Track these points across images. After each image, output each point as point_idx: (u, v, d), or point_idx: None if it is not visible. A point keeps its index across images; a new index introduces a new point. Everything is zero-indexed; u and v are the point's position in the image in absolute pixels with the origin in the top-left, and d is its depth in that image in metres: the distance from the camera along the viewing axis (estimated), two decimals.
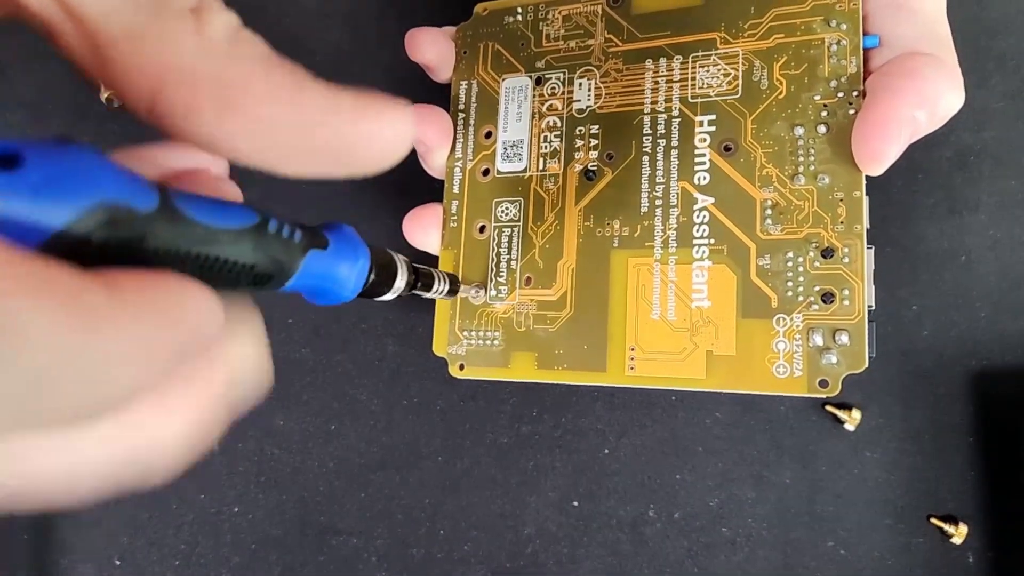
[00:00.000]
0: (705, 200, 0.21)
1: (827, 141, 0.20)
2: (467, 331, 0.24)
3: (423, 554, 0.29)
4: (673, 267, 0.21)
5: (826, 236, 0.20)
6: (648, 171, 0.22)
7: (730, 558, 0.26)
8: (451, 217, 0.24)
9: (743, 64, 0.21)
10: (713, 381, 0.20)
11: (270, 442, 0.31)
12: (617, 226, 0.22)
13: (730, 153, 0.21)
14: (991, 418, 0.24)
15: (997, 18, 0.26)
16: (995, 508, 0.24)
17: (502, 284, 0.23)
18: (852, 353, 0.19)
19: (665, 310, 0.21)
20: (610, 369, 0.21)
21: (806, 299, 0.20)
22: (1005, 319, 0.25)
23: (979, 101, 0.26)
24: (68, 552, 0.32)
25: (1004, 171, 0.25)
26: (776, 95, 0.21)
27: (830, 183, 0.20)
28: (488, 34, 0.25)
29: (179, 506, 0.31)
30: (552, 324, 0.22)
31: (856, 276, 0.19)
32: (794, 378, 0.19)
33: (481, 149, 0.24)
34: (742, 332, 0.20)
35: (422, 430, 0.29)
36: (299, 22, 0.33)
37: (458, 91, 0.25)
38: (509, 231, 0.24)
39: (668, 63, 0.22)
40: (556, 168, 0.23)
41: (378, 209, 0.31)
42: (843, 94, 0.20)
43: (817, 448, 0.25)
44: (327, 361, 0.31)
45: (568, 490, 0.28)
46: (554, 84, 0.24)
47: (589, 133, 0.23)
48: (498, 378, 0.23)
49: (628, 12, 0.23)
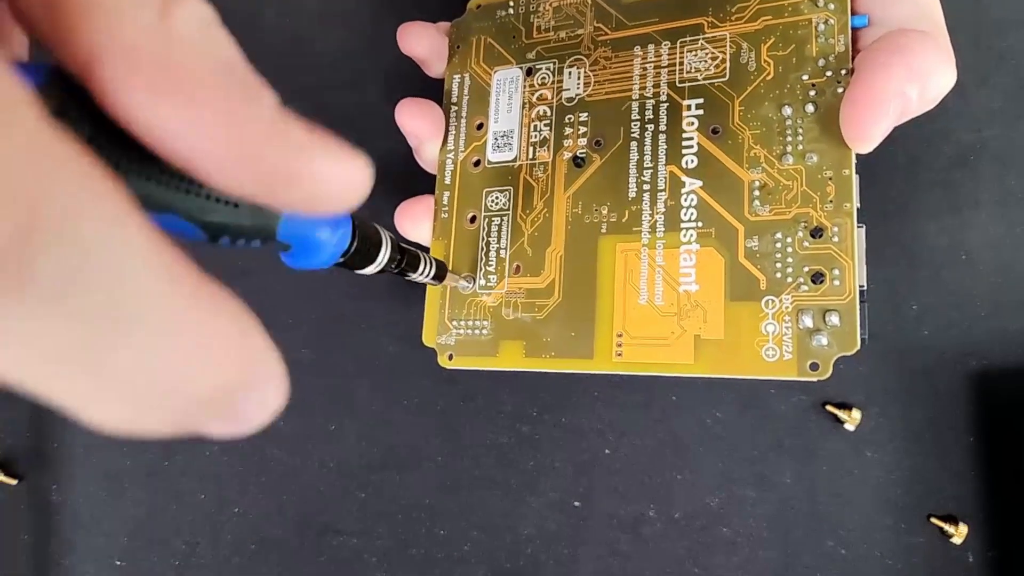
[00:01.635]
0: (693, 183, 0.21)
1: (815, 120, 0.20)
2: (456, 321, 0.24)
3: (423, 554, 0.29)
4: (661, 251, 0.21)
5: (815, 216, 0.20)
6: (636, 156, 0.22)
7: (730, 558, 0.26)
8: (442, 208, 0.25)
9: (731, 47, 0.21)
10: (701, 366, 0.20)
11: (270, 442, 0.31)
12: (605, 212, 0.22)
13: (718, 136, 0.21)
14: (991, 418, 0.24)
15: (997, 18, 0.26)
16: (995, 508, 0.24)
17: (491, 273, 0.23)
18: (843, 334, 0.19)
19: (653, 295, 0.21)
20: (597, 356, 0.21)
21: (795, 280, 0.19)
22: (1005, 318, 0.25)
23: (979, 100, 0.26)
24: (68, 552, 0.32)
25: (1004, 170, 0.25)
26: (764, 76, 0.21)
27: (819, 162, 0.20)
28: (481, 28, 0.25)
29: (179, 506, 0.31)
30: (540, 312, 0.22)
31: (846, 255, 0.19)
32: (784, 361, 0.19)
33: (472, 140, 0.25)
34: (730, 315, 0.20)
35: (422, 430, 0.29)
36: (299, 23, 0.33)
37: (451, 85, 0.25)
38: (499, 220, 0.24)
39: (656, 49, 0.22)
40: (545, 156, 0.23)
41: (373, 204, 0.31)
42: (831, 73, 0.20)
43: (817, 448, 0.25)
44: (327, 361, 0.31)
45: (568, 490, 0.28)
46: (544, 74, 0.24)
47: (578, 121, 0.23)
48: (486, 367, 0.23)
49: (617, 0, 0.23)
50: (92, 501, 0.33)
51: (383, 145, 0.31)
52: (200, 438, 0.33)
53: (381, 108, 0.31)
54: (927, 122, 0.25)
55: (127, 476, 0.32)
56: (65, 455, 0.33)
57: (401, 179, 0.25)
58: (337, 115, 0.31)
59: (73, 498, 0.33)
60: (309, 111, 0.10)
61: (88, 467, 0.33)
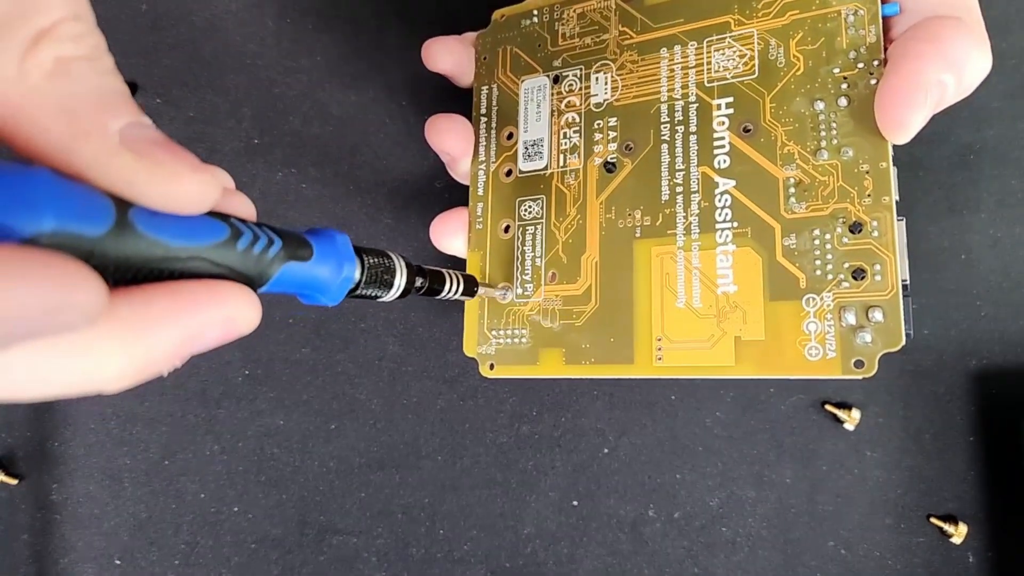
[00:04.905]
0: (726, 184, 0.21)
1: (849, 114, 0.20)
2: (496, 330, 0.24)
3: (423, 554, 0.29)
4: (696, 253, 0.21)
5: (853, 211, 0.19)
6: (667, 159, 0.22)
7: (730, 558, 0.26)
8: (476, 219, 0.25)
9: (759, 44, 0.21)
10: (743, 368, 0.20)
11: (270, 442, 0.31)
12: (639, 216, 0.22)
13: (749, 134, 0.21)
14: (991, 418, 0.24)
15: (997, 18, 0.26)
16: (995, 508, 0.24)
17: (527, 282, 0.23)
18: (887, 330, 0.18)
19: (690, 298, 0.21)
20: (638, 360, 0.21)
21: (836, 277, 0.19)
22: (1006, 318, 0.25)
23: (979, 100, 0.26)
24: (68, 552, 0.32)
25: (1004, 170, 0.25)
26: (794, 71, 0.21)
27: (854, 156, 0.19)
28: (506, 39, 0.25)
29: (179, 506, 0.31)
30: (578, 319, 0.22)
31: (887, 250, 0.19)
32: (827, 360, 0.19)
33: (503, 151, 0.25)
34: (770, 315, 0.20)
35: (422, 430, 0.29)
36: (299, 25, 0.33)
37: (479, 97, 0.25)
38: (533, 229, 0.24)
39: (683, 50, 0.22)
40: (576, 163, 0.23)
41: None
42: (863, 65, 0.20)
43: (817, 448, 0.25)
44: (327, 361, 0.31)
45: (568, 490, 0.28)
46: (571, 81, 0.24)
47: (607, 126, 0.23)
48: (528, 375, 0.23)
49: (641, 3, 0.23)
50: (92, 501, 0.33)
51: (384, 144, 0.31)
52: (199, 438, 0.33)
53: (381, 108, 0.31)
54: (927, 122, 0.25)
55: (127, 476, 0.32)
56: (65, 455, 0.33)
57: (403, 179, 0.25)
58: (337, 115, 0.31)
59: (73, 498, 0.33)
60: (309, 111, 0.10)
61: (88, 467, 0.33)
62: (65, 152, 0.10)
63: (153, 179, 0.10)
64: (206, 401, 0.32)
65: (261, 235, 0.12)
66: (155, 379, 0.34)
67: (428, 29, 0.26)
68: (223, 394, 0.32)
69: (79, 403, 0.34)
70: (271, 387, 0.31)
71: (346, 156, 0.31)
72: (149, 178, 0.10)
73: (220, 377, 0.32)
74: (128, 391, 0.36)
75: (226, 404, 0.32)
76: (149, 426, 0.32)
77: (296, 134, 0.32)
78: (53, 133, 0.10)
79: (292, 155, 0.32)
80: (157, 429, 0.32)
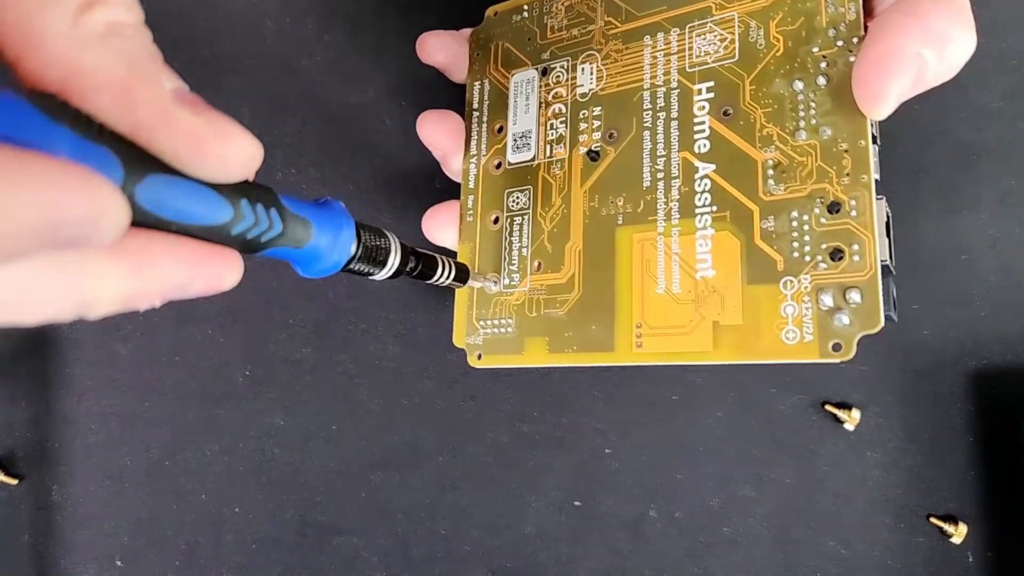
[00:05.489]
0: (706, 168, 0.21)
1: (828, 93, 0.19)
2: (483, 320, 0.24)
3: (423, 554, 0.29)
4: (676, 239, 0.21)
5: (831, 190, 0.19)
6: (649, 145, 0.22)
7: (730, 558, 0.26)
8: (467, 212, 0.25)
9: (739, 27, 0.21)
10: (721, 353, 0.20)
11: (270, 442, 0.31)
12: (621, 203, 0.22)
13: (729, 117, 0.21)
14: (991, 418, 0.24)
15: (997, 18, 0.26)
16: (995, 508, 0.24)
17: (514, 272, 0.23)
18: (865, 312, 0.18)
19: (670, 283, 0.21)
20: (618, 348, 0.21)
21: (813, 258, 0.19)
22: (1005, 318, 0.25)
23: (979, 100, 0.26)
24: (68, 552, 0.32)
25: (1004, 170, 0.25)
26: (774, 52, 0.20)
27: (833, 134, 0.19)
28: (499, 34, 0.26)
29: (179, 506, 0.31)
30: (561, 307, 0.22)
31: (865, 229, 0.18)
32: (805, 343, 0.18)
33: (493, 144, 0.25)
34: (748, 299, 0.19)
35: (422, 430, 0.29)
36: (299, 25, 0.33)
37: (472, 93, 0.26)
38: (520, 219, 0.24)
39: (665, 37, 0.22)
40: (562, 153, 0.23)
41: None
42: (843, 42, 0.19)
43: (817, 448, 0.25)
44: (327, 361, 0.31)
45: (568, 490, 0.28)
46: (559, 72, 0.24)
47: (592, 115, 0.23)
48: (512, 365, 0.23)
49: None
50: (92, 501, 0.33)
51: (384, 143, 0.31)
52: (200, 439, 0.33)
53: (381, 107, 0.31)
54: (927, 122, 0.25)
55: (127, 476, 0.32)
56: (65, 455, 0.33)
57: (403, 179, 0.25)
58: (337, 115, 0.31)
59: (73, 498, 0.33)
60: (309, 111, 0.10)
61: (88, 467, 0.33)
62: (121, 109, 0.10)
63: (209, 137, 0.11)
64: (206, 401, 0.32)
65: (263, 219, 0.13)
66: (156, 380, 0.34)
67: (428, 29, 0.26)
68: (224, 394, 0.32)
69: (79, 403, 0.34)
70: (271, 387, 0.31)
71: (346, 156, 0.31)
72: (206, 135, 0.11)
73: (220, 377, 0.32)
74: (128, 391, 0.37)
75: (227, 404, 0.32)
76: (150, 426, 0.32)
77: (296, 134, 0.32)
78: (107, 93, 0.10)
79: (292, 155, 0.32)
80: (158, 429, 0.32)
